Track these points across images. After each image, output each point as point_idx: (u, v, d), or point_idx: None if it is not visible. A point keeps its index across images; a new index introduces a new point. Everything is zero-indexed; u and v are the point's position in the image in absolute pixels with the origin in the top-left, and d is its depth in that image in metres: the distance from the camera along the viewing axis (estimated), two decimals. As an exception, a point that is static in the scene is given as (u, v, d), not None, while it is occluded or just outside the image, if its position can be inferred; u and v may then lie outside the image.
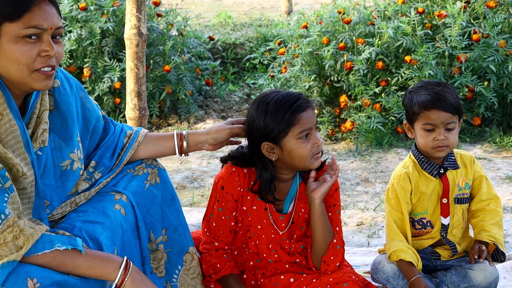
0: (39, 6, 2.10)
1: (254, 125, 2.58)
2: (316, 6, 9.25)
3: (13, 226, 2.07)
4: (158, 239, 2.56)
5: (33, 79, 2.12)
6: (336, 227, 2.71)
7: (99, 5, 5.96)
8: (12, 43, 2.08)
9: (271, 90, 2.63)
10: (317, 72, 5.71)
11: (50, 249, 2.13)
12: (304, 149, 2.56)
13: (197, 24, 8.41)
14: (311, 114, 2.56)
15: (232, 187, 2.70)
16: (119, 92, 5.91)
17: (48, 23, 2.11)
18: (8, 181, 2.11)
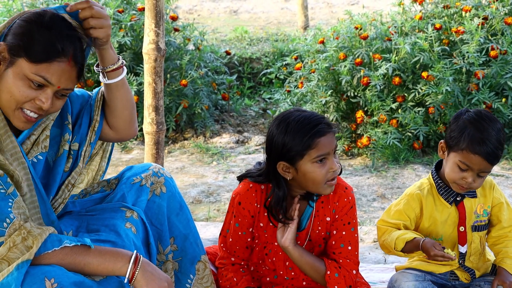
0: (60, 64, 2.14)
1: (273, 142, 2.58)
2: (332, 21, 9.26)
3: (20, 229, 2.11)
4: (166, 249, 2.56)
5: (14, 116, 2.18)
6: (348, 246, 2.68)
7: (117, 20, 6.00)
8: (17, 79, 2.13)
9: (295, 108, 2.62)
10: (333, 87, 5.71)
11: (59, 246, 2.16)
12: (319, 173, 2.54)
13: (214, 39, 8.44)
14: (330, 139, 2.53)
15: (249, 203, 2.70)
16: (136, 106, 5.92)
17: (58, 81, 2.15)
18: (11, 186, 2.15)
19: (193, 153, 5.77)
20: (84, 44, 2.23)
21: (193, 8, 10.84)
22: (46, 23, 2.15)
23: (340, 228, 2.68)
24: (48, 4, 6.12)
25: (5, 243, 2.09)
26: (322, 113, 5.73)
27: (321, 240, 2.72)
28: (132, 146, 5.87)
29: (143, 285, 2.23)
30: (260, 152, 5.73)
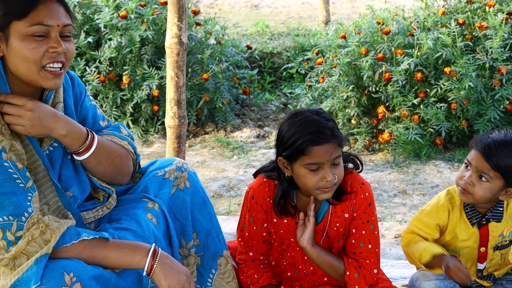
0: (46, 4, 2.14)
1: (279, 136, 2.58)
2: (354, 16, 9.22)
3: (38, 223, 2.12)
4: (189, 243, 2.56)
5: (42, 77, 2.15)
6: (368, 245, 2.66)
7: (139, 14, 6.01)
8: (20, 41, 2.12)
9: (310, 109, 2.58)
10: (355, 82, 5.69)
11: (77, 239, 2.16)
12: (309, 180, 2.52)
13: (235, 33, 8.43)
14: (327, 149, 2.47)
15: (261, 197, 2.70)
16: (157, 99, 5.95)
17: (54, 20, 2.14)
18: (30, 180, 2.15)
19: (214, 147, 5.78)
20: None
21: (214, 2, 10.84)
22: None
23: (359, 227, 2.66)
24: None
25: (23, 237, 2.10)
26: (343, 108, 5.71)
27: (339, 236, 2.71)
28: (153, 139, 5.89)
29: (162, 278, 2.23)
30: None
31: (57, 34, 2.15)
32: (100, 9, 6.13)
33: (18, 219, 2.10)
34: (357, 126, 5.69)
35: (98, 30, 6.13)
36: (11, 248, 2.09)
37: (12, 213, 2.09)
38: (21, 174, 2.13)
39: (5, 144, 2.12)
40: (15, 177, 2.12)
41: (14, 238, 2.09)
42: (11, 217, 2.09)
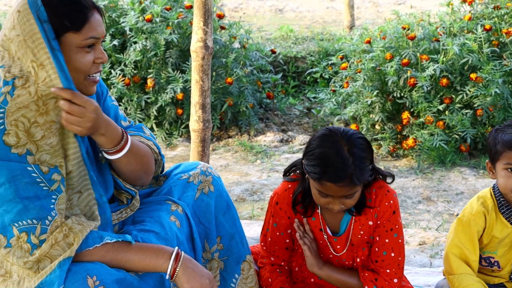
0: (93, 17, 2.17)
1: (307, 145, 2.56)
2: (378, 21, 9.19)
3: (62, 226, 2.13)
4: (212, 248, 2.56)
5: (85, 86, 2.20)
6: (391, 253, 2.63)
7: (164, 17, 6.04)
8: (74, 53, 2.15)
9: (346, 134, 2.50)
10: (379, 87, 5.66)
11: (100, 243, 2.17)
12: (318, 200, 2.54)
13: (259, 37, 8.44)
14: (339, 187, 2.44)
15: (285, 203, 2.68)
16: (181, 103, 5.97)
17: (99, 32, 2.19)
18: (55, 183, 2.16)
19: (237, 151, 5.78)
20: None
21: (238, 6, 10.86)
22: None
23: (382, 235, 2.63)
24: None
25: (47, 240, 2.11)
26: (367, 113, 5.69)
27: (364, 244, 2.68)
28: (177, 143, 5.91)
29: (184, 282, 2.23)
30: (304, 151, 5.71)
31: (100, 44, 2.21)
32: (126, 12, 6.17)
33: (42, 223, 2.11)
34: (381, 132, 5.66)
35: (123, 33, 6.16)
36: (35, 251, 2.11)
37: (36, 217, 2.11)
38: (45, 178, 2.14)
39: (30, 147, 2.14)
40: (39, 181, 2.13)
41: (38, 242, 2.11)
42: (35, 220, 2.11)
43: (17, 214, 2.10)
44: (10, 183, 2.10)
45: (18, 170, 2.11)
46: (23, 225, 2.11)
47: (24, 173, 2.11)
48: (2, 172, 2.10)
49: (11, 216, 2.11)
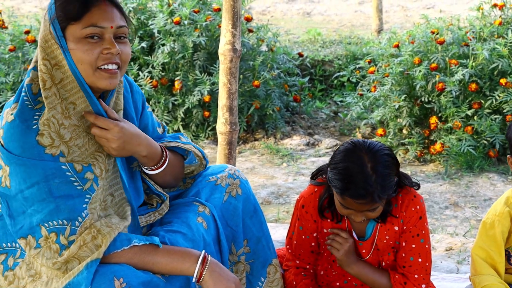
0: (99, 7, 2.16)
1: (333, 156, 2.55)
2: (407, 25, 9.13)
3: (90, 228, 2.14)
4: (239, 251, 2.56)
5: (97, 78, 2.17)
6: (418, 259, 2.61)
7: (192, 20, 6.06)
8: (75, 44, 2.14)
9: (371, 147, 2.48)
10: (407, 92, 5.63)
11: (128, 245, 2.18)
12: (340, 209, 2.54)
13: (287, 40, 8.44)
14: (360, 203, 2.44)
15: (311, 207, 2.68)
16: (208, 105, 5.99)
17: (107, 22, 2.16)
18: (88, 182, 2.17)
19: (263, 154, 5.79)
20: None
21: (266, 9, 10.86)
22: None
23: (409, 241, 2.62)
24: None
25: (76, 241, 2.12)
26: (395, 118, 5.66)
27: (389, 249, 2.67)
28: (204, 145, 5.92)
29: (210, 286, 2.24)
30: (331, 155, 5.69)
31: (111, 35, 2.17)
32: (155, 14, 6.20)
33: (72, 224, 2.13)
34: (408, 136, 5.62)
35: (151, 36, 6.20)
36: (63, 252, 2.12)
37: (67, 217, 2.12)
38: (79, 176, 2.15)
39: (63, 148, 2.15)
40: (72, 179, 2.14)
41: (67, 242, 2.12)
42: (65, 221, 2.12)
43: (48, 214, 2.12)
44: (44, 183, 2.11)
45: (52, 169, 2.12)
46: (53, 225, 2.12)
47: (58, 172, 2.12)
48: (36, 171, 2.11)
49: (41, 216, 2.12)
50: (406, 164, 5.45)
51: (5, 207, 2.17)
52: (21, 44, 6.29)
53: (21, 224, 2.14)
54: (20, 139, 2.11)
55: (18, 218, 2.14)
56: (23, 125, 2.12)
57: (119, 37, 2.20)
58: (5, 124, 2.14)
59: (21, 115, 2.13)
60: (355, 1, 11.33)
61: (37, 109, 2.15)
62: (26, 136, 2.11)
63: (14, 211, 2.15)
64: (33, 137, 2.12)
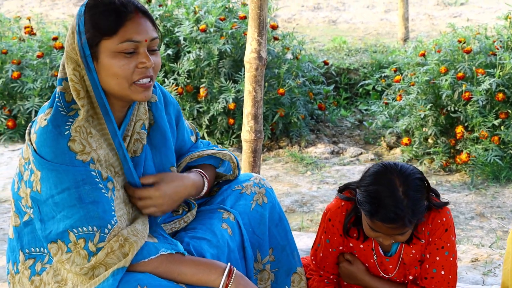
0: (133, 20, 2.16)
1: (363, 177, 2.53)
2: (433, 33, 9.09)
3: (118, 235, 2.14)
4: (264, 259, 2.56)
5: (132, 91, 2.18)
6: (441, 271, 2.58)
7: (218, 27, 6.09)
8: (110, 59, 2.14)
9: (403, 171, 2.45)
10: (433, 101, 5.59)
11: (155, 254, 2.18)
12: (367, 231, 2.53)
13: (312, 48, 8.43)
14: (390, 227, 2.42)
15: (338, 221, 2.67)
16: (233, 113, 6.00)
17: (142, 36, 2.16)
18: (110, 191, 2.18)
19: (287, 162, 5.78)
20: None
21: (292, 17, 10.87)
22: (100, 0, 2.18)
23: (433, 253, 2.60)
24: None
25: (103, 248, 2.13)
26: (420, 127, 5.63)
27: (416, 262, 2.65)
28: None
29: None
30: (355, 164, 5.68)
31: (145, 49, 2.18)
32: (181, 22, 6.24)
33: (101, 231, 2.13)
34: (434, 146, 5.58)
35: (177, 43, 6.23)
36: (91, 258, 2.12)
37: (97, 224, 2.13)
38: (104, 184, 2.17)
39: (93, 155, 2.17)
40: (101, 186, 2.15)
41: (95, 249, 2.12)
42: (95, 227, 2.13)
43: (78, 220, 2.12)
44: (75, 189, 2.12)
45: (83, 176, 2.13)
46: (82, 231, 2.12)
47: (89, 179, 2.13)
48: (67, 177, 2.12)
49: (70, 221, 2.12)
50: (432, 174, 5.41)
51: (36, 211, 2.18)
52: (49, 51, 6.36)
53: (50, 229, 2.15)
54: (52, 145, 2.13)
55: (48, 223, 2.15)
56: (55, 130, 2.14)
57: (151, 49, 2.21)
58: (38, 129, 2.16)
59: (54, 121, 2.15)
60: (381, 9, 11.30)
61: (70, 115, 2.16)
62: (58, 142, 2.13)
63: (44, 215, 2.16)
64: (65, 143, 2.13)
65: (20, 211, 2.26)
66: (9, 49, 6.30)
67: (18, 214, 2.27)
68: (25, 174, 2.19)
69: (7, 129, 6.05)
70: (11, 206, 2.31)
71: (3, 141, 6.00)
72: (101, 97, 2.17)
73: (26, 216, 2.24)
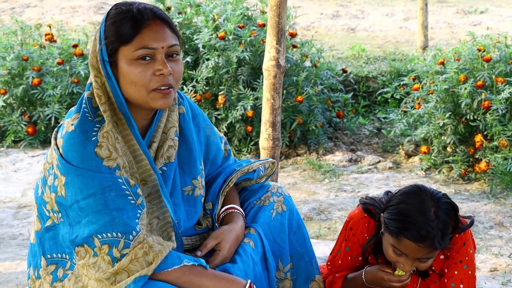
0: (149, 27, 2.17)
1: (391, 198, 2.53)
2: (453, 42, 9.05)
3: (143, 243, 2.14)
4: (286, 267, 2.56)
5: (151, 99, 2.18)
6: (459, 285, 2.57)
7: (237, 35, 6.10)
8: (128, 66, 2.16)
9: (434, 195, 2.45)
10: (452, 109, 5.57)
11: (179, 264, 2.18)
12: (389, 253, 2.51)
13: (331, 56, 8.43)
14: (418, 247, 2.41)
15: (359, 231, 2.67)
16: (251, 120, 6.01)
17: (159, 43, 2.16)
18: (140, 197, 2.18)
19: (305, 169, 5.77)
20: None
21: (310, 25, 10.87)
22: (120, 9, 2.20)
23: (451, 267, 2.59)
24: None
25: (128, 255, 2.13)
26: (439, 135, 5.60)
27: (435, 278, 2.64)
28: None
29: None
30: (373, 172, 5.66)
31: (163, 56, 2.18)
32: (200, 29, 6.26)
33: (126, 237, 2.13)
34: (452, 154, 5.56)
35: (196, 50, 6.26)
36: (115, 264, 2.13)
37: (122, 231, 2.13)
38: (132, 191, 2.17)
39: (119, 161, 2.18)
40: (127, 193, 2.16)
41: (119, 255, 2.13)
42: (119, 234, 2.13)
43: (103, 226, 2.13)
44: (101, 195, 2.13)
45: (109, 182, 2.14)
46: (107, 237, 2.13)
47: (115, 185, 2.14)
48: (93, 183, 2.13)
49: (95, 227, 2.13)
50: (450, 183, 5.38)
51: (65, 215, 2.19)
52: (69, 58, 6.41)
53: (77, 233, 2.16)
54: (79, 150, 2.14)
55: (75, 227, 2.16)
56: (83, 136, 2.15)
57: (171, 55, 2.21)
58: (65, 133, 2.17)
59: (81, 126, 2.16)
60: (400, 17, 11.27)
61: (97, 121, 2.18)
62: (85, 147, 2.14)
63: (72, 220, 2.17)
64: (92, 149, 2.14)
65: (42, 216, 2.27)
66: (29, 56, 6.36)
67: (40, 219, 2.28)
68: (49, 179, 2.20)
69: (27, 135, 6.10)
70: (34, 210, 2.33)
71: (23, 147, 6.04)
72: (122, 104, 2.18)
73: (48, 221, 2.25)
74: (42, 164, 2.27)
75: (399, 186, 5.23)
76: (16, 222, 4.38)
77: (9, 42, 6.52)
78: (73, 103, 6.21)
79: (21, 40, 6.68)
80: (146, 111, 2.26)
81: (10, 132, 6.12)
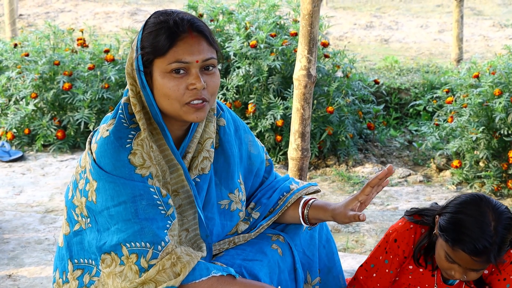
0: (185, 41, 2.12)
1: (450, 202, 2.47)
2: (488, 55, 8.93)
3: (171, 254, 2.11)
4: (314, 280, 2.53)
5: (184, 112, 2.15)
6: None
7: (268, 43, 6.07)
8: (161, 78, 2.13)
9: (497, 208, 2.39)
10: (485, 124, 5.47)
11: (207, 276, 2.15)
12: (441, 261, 2.46)
13: (363, 67, 8.36)
14: (472, 259, 2.34)
15: (405, 243, 2.61)
16: (280, 129, 5.96)
17: (193, 57, 2.12)
18: (171, 208, 2.15)
19: (334, 180, 5.71)
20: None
21: (343, 35, 10.82)
22: (158, 19, 2.16)
23: (494, 283, 2.53)
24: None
25: (155, 265, 2.10)
26: (471, 150, 5.50)
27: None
28: (275, 169, 5.89)
29: None
30: (403, 185, 5.57)
31: (197, 69, 2.14)
32: (231, 37, 6.24)
33: (154, 247, 2.10)
34: (485, 169, 5.45)
35: (227, 58, 6.24)
36: (142, 274, 2.10)
37: (150, 241, 2.10)
38: (164, 201, 2.14)
39: (152, 170, 2.15)
40: (158, 203, 2.13)
41: (147, 266, 2.10)
42: (148, 244, 2.10)
43: (132, 235, 2.10)
44: (131, 203, 2.10)
45: (140, 191, 2.11)
46: (135, 246, 2.10)
47: (146, 194, 2.11)
48: (125, 191, 2.10)
49: (124, 235, 2.11)
50: (482, 198, 5.28)
51: (93, 221, 2.18)
52: (100, 63, 6.43)
53: (105, 240, 2.14)
54: (113, 156, 2.12)
55: (104, 234, 2.14)
56: (117, 142, 2.13)
57: (206, 68, 2.17)
58: (100, 139, 2.15)
59: (116, 132, 2.14)
60: (435, 29, 11.17)
61: (132, 128, 2.15)
62: (118, 154, 2.12)
63: (101, 226, 2.15)
64: (126, 156, 2.12)
65: (71, 220, 2.25)
66: (61, 60, 6.39)
67: (69, 222, 2.27)
68: (80, 183, 2.18)
69: (56, 139, 6.13)
70: (64, 213, 2.31)
71: (52, 151, 6.07)
72: (157, 114, 2.16)
73: (77, 225, 2.23)
74: (73, 168, 2.26)
75: (429, 200, 5.15)
76: (43, 226, 4.39)
77: (41, 46, 6.57)
78: (103, 108, 6.23)
79: (53, 44, 6.73)
80: (180, 122, 2.23)
81: (39, 136, 6.15)
